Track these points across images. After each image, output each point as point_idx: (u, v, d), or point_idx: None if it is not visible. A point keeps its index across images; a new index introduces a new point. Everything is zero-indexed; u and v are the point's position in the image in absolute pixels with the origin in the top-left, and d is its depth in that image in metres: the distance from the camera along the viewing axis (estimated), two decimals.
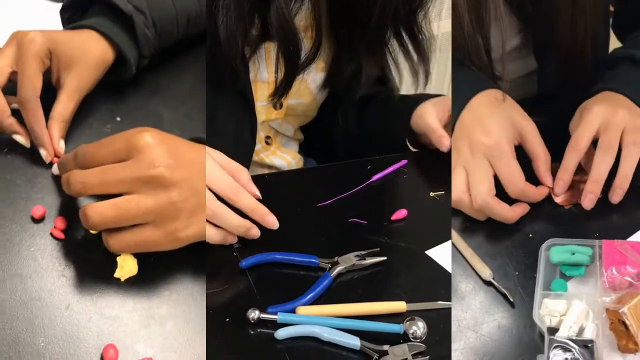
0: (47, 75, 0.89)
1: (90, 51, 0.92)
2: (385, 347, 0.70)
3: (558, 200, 0.94)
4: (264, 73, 1.03)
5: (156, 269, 0.76)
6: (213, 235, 0.81)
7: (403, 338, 0.71)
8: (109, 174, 0.71)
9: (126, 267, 0.74)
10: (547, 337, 0.73)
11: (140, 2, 0.95)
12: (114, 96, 0.98)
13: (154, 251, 0.73)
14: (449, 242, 0.88)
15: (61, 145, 0.86)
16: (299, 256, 0.82)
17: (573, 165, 0.94)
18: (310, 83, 1.11)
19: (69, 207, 0.81)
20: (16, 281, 0.73)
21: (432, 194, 0.98)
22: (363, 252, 0.82)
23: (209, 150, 0.82)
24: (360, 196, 0.97)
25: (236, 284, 0.78)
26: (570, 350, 0.71)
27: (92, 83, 0.92)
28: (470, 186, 0.91)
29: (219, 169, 0.82)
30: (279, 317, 0.72)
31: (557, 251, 0.84)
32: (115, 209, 0.70)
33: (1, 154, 0.87)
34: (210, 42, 0.91)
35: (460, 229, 0.92)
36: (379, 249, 0.84)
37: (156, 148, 0.71)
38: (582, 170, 0.96)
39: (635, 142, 0.91)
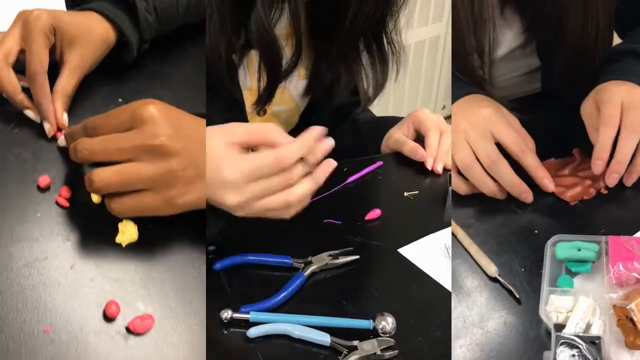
0: (51, 54, 0.92)
1: (93, 31, 0.95)
2: (355, 343, 0.71)
3: (562, 194, 0.96)
4: (246, 80, 1.06)
5: (156, 236, 0.80)
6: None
7: (373, 333, 0.73)
8: (114, 142, 0.75)
9: (127, 232, 0.78)
10: (553, 334, 0.73)
11: None
12: (116, 79, 1.02)
13: (153, 215, 0.77)
14: (421, 240, 0.90)
15: (64, 118, 0.90)
16: (273, 257, 0.84)
17: (609, 143, 0.94)
18: (292, 90, 1.13)
19: (74, 178, 0.86)
20: (24, 244, 0.78)
21: (406, 194, 1.01)
22: (336, 252, 0.84)
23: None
24: (336, 197, 0.99)
25: (210, 286, 0.78)
26: (577, 347, 0.71)
27: (94, 62, 0.96)
28: (476, 151, 0.94)
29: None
30: (251, 316, 0.74)
31: (563, 247, 0.85)
32: (118, 174, 0.74)
33: (9, 129, 0.91)
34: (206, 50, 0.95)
35: (465, 225, 0.93)
36: (352, 248, 0.86)
37: (159, 119, 0.74)
38: (586, 167, 0.98)
39: None
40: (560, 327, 0.74)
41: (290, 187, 0.77)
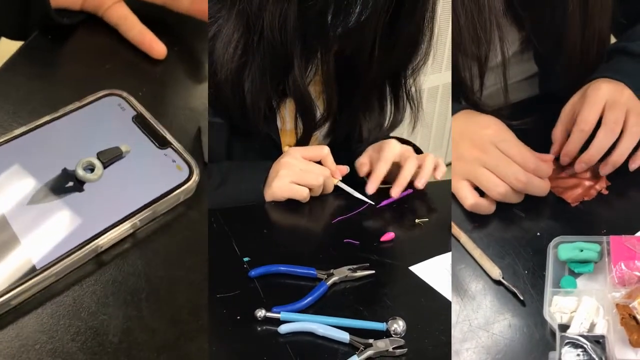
0: None
1: None
2: (370, 341, 0.78)
3: (562, 195, 0.99)
4: (286, 123, 1.19)
5: None
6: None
7: (386, 334, 0.80)
8: None
9: None
10: (558, 334, 0.74)
11: None
12: None
13: None
14: (429, 260, 0.96)
15: None
16: (300, 268, 0.91)
17: (579, 143, 0.97)
18: (318, 131, 1.24)
19: None
20: None
21: (417, 220, 1.09)
22: (355, 266, 0.91)
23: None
24: (355, 221, 1.08)
25: (246, 290, 0.87)
26: (581, 347, 0.72)
27: None
28: (503, 178, 0.95)
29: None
30: (282, 315, 0.81)
31: (565, 249, 0.86)
32: None
33: None
34: (237, 102, 1.08)
35: (468, 229, 0.96)
36: (368, 264, 0.93)
37: None
38: (587, 169, 1.01)
39: (637, 124, 0.96)
40: (564, 327, 0.76)
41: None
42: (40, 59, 0.94)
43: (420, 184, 1.16)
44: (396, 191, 1.14)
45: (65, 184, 0.74)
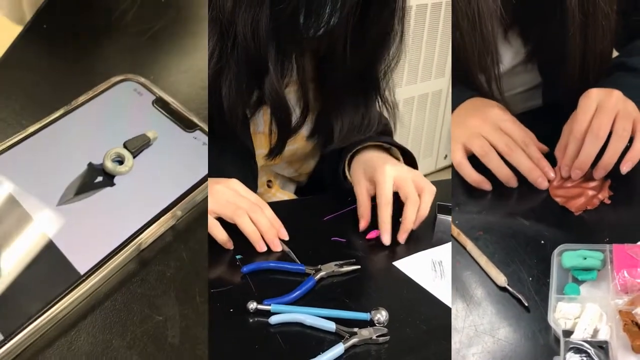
0: None
1: None
2: (355, 330, 0.82)
3: (566, 204, 1.00)
4: (261, 126, 1.20)
5: None
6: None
7: (370, 323, 0.84)
8: None
9: None
10: (562, 340, 0.75)
11: None
12: None
13: None
14: (412, 255, 1.01)
15: None
16: (290, 264, 0.96)
17: (573, 153, 0.99)
18: (304, 131, 1.26)
19: None
20: None
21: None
22: (341, 262, 0.96)
23: None
24: (342, 220, 1.12)
25: (239, 285, 0.91)
26: (585, 352, 0.72)
27: None
28: (494, 142, 1.03)
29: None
30: (272, 307, 0.85)
31: (569, 256, 0.86)
32: None
33: None
34: (214, 107, 1.07)
35: (474, 237, 0.97)
36: (354, 260, 0.97)
37: None
38: (589, 179, 1.02)
39: (625, 128, 0.96)
40: (568, 333, 0.77)
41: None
42: (36, 50, 0.86)
43: (415, 225, 1.10)
44: (402, 237, 1.08)
45: (94, 180, 0.68)
